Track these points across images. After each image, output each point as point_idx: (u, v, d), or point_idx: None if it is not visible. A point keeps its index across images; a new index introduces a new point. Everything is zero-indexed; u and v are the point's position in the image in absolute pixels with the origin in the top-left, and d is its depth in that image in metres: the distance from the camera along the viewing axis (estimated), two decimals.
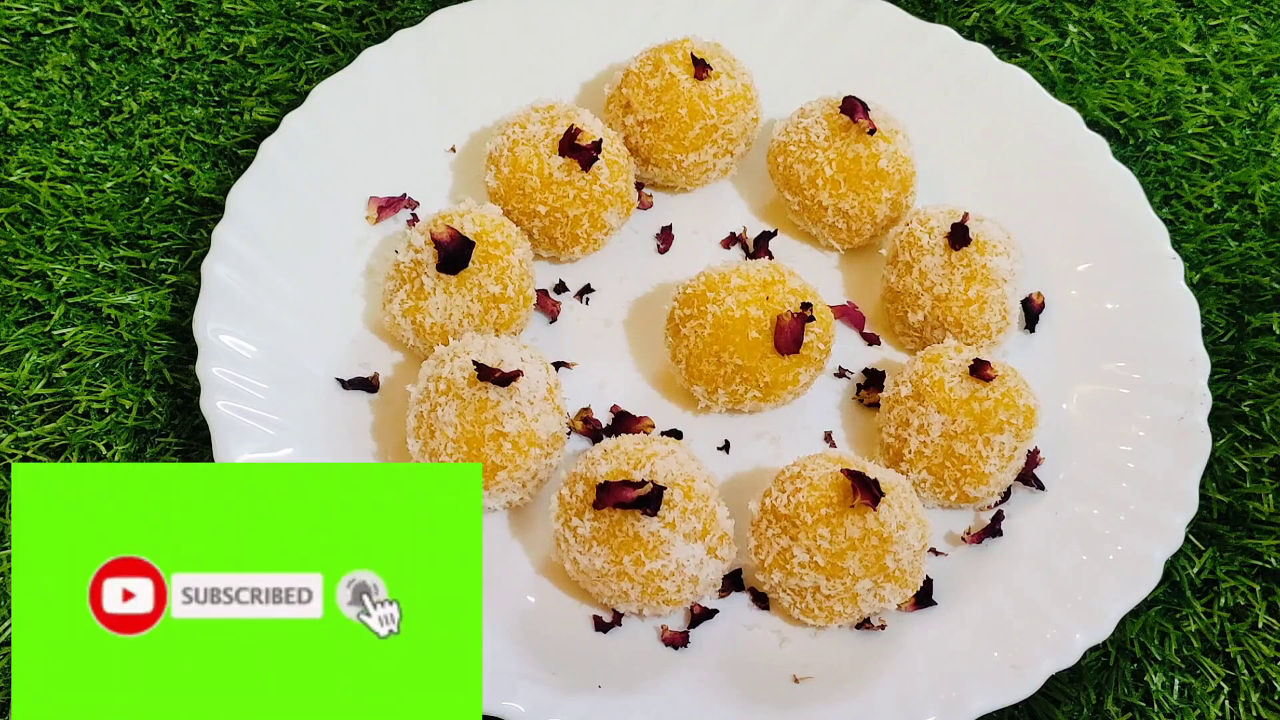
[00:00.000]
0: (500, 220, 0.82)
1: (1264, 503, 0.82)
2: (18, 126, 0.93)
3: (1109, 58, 1.01)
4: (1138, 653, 0.77)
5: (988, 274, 0.81)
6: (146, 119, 0.94)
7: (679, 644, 0.74)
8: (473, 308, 0.80)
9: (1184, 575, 0.79)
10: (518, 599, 0.76)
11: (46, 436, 0.81)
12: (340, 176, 0.89)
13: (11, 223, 0.89)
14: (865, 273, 0.89)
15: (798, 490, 0.72)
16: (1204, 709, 0.75)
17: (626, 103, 0.89)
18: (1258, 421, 0.85)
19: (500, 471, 0.75)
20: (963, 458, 0.76)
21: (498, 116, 0.90)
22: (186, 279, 0.87)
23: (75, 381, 0.83)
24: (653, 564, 0.71)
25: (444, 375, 0.75)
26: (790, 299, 0.79)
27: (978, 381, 0.77)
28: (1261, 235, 0.92)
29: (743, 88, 0.89)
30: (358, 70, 0.91)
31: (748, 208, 0.93)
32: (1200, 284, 0.90)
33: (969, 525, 0.79)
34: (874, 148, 0.85)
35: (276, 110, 0.95)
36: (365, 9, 1.01)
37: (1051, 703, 0.75)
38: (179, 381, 0.83)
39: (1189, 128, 0.97)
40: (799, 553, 0.71)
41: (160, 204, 0.91)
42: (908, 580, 0.73)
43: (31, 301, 0.86)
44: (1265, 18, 1.04)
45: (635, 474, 0.71)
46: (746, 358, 0.78)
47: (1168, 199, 0.94)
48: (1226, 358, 0.87)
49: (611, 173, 0.85)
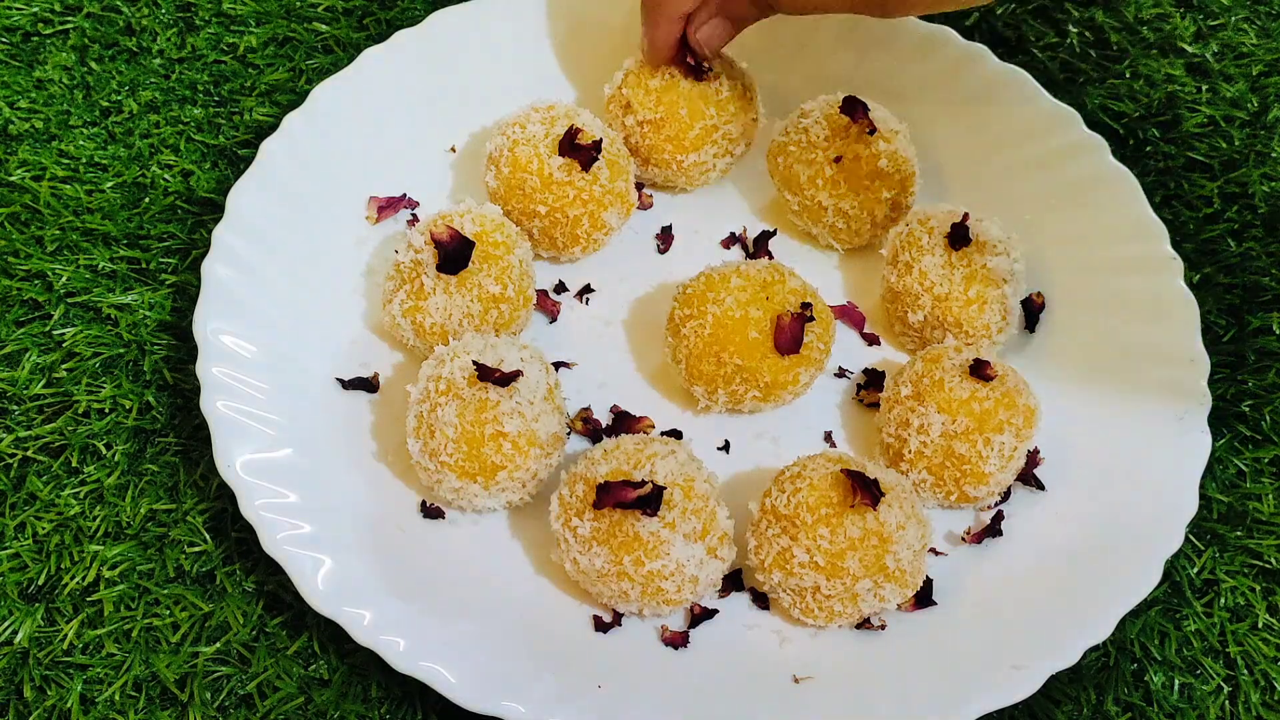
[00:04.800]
0: (500, 220, 0.82)
1: (1264, 503, 0.82)
2: (18, 126, 0.93)
3: (1109, 58, 1.01)
4: (1138, 653, 0.77)
5: (988, 274, 0.81)
6: (146, 119, 0.94)
7: (679, 644, 0.74)
8: (473, 308, 0.80)
9: (1184, 575, 0.79)
10: (518, 599, 0.76)
11: (46, 436, 0.81)
12: (340, 176, 0.89)
13: (11, 223, 0.89)
14: (865, 273, 0.89)
15: (798, 490, 0.72)
16: (1204, 709, 0.75)
17: (626, 103, 0.89)
18: (1258, 421, 0.85)
19: (500, 471, 0.75)
20: (963, 458, 0.76)
21: (498, 116, 0.90)
22: (186, 279, 0.87)
23: (75, 381, 0.83)
24: (653, 564, 0.71)
25: (444, 375, 0.75)
26: (790, 299, 0.79)
27: (978, 381, 0.77)
28: (1261, 235, 0.92)
29: (743, 88, 0.89)
30: (358, 70, 0.91)
31: (748, 208, 0.93)
32: (1200, 284, 0.90)
33: (969, 525, 0.79)
34: (874, 148, 0.85)
35: (276, 110, 0.95)
36: (365, 9, 1.01)
37: (1051, 703, 0.75)
38: (179, 381, 0.83)
39: (1189, 128, 0.97)
40: (799, 553, 0.71)
41: (160, 204, 0.91)
42: (908, 580, 0.73)
43: (31, 301, 0.86)
44: (1265, 18, 1.04)
45: (635, 474, 0.71)
46: (746, 358, 0.78)
47: (1168, 199, 0.94)
48: (1226, 358, 0.87)
49: (611, 173, 0.85)
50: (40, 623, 0.75)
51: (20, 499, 0.79)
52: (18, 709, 0.73)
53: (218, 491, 0.79)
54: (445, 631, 0.72)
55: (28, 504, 0.79)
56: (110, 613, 0.76)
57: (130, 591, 0.76)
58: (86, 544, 0.78)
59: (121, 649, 0.75)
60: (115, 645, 0.75)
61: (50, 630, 0.75)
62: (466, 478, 0.75)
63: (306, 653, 0.75)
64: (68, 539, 0.78)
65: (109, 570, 0.77)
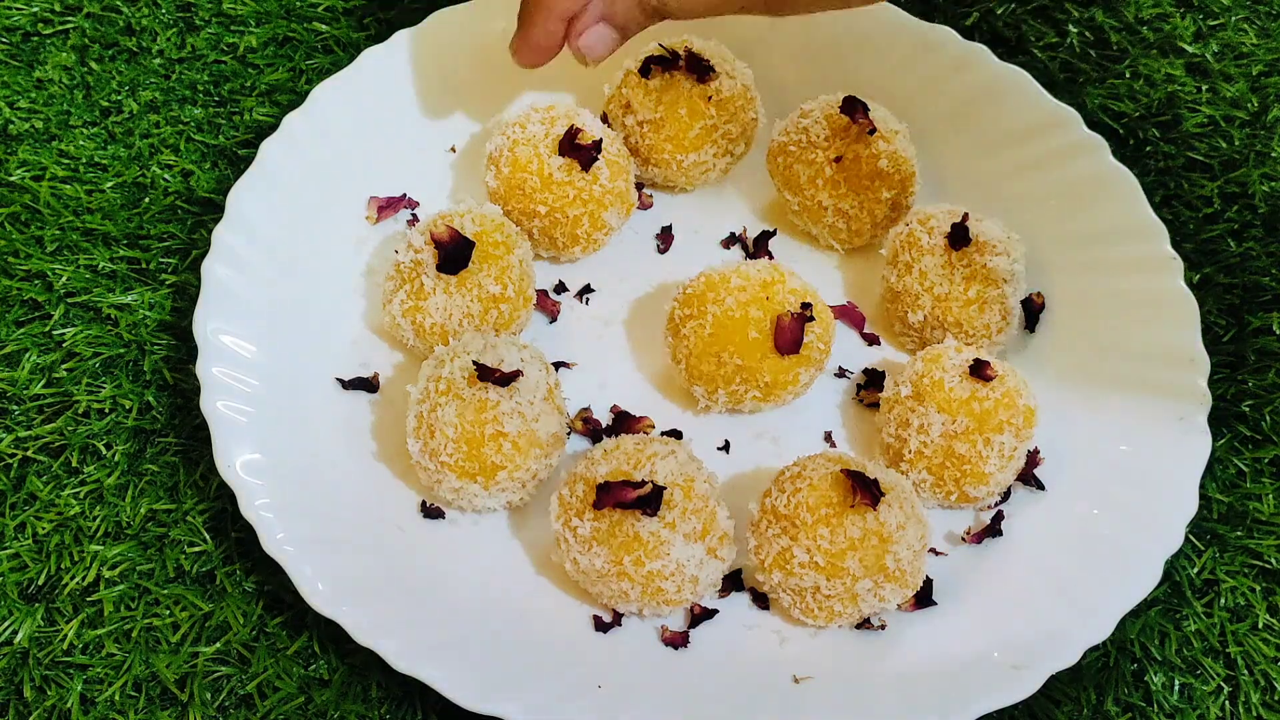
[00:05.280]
0: (500, 220, 0.82)
1: (1264, 503, 0.82)
2: (18, 126, 0.93)
3: (1109, 58, 1.01)
4: (1138, 653, 0.77)
5: (988, 274, 0.81)
6: (146, 119, 0.94)
7: (679, 644, 0.74)
8: (473, 308, 0.80)
9: (1184, 575, 0.79)
10: (518, 599, 0.76)
11: (46, 436, 0.81)
12: (340, 176, 0.89)
13: (11, 223, 0.89)
14: (865, 273, 0.89)
15: (798, 490, 0.72)
16: (1204, 709, 0.75)
17: (626, 103, 0.89)
18: (1258, 421, 0.85)
19: (500, 471, 0.75)
20: (963, 458, 0.76)
21: (498, 116, 0.90)
22: (186, 279, 0.87)
23: (75, 381, 0.83)
24: (653, 564, 0.71)
25: (444, 375, 0.75)
26: (790, 299, 0.79)
27: (978, 381, 0.77)
28: (1261, 235, 0.92)
29: (742, 88, 0.89)
30: (358, 70, 0.91)
31: (748, 208, 0.93)
32: (1200, 284, 0.90)
33: (969, 525, 0.79)
34: (874, 148, 0.85)
35: (276, 110, 0.95)
36: (365, 9, 1.01)
37: (1051, 703, 0.75)
38: (179, 381, 0.83)
39: (1189, 128, 0.97)
40: (799, 553, 0.71)
41: (160, 204, 0.91)
42: (908, 580, 0.73)
43: (31, 301, 0.86)
44: (1265, 18, 1.04)
45: (635, 474, 0.71)
46: (746, 358, 0.78)
47: (1168, 199, 0.94)
48: (1226, 358, 0.87)
49: (611, 173, 0.85)
50: (40, 623, 0.75)
51: (20, 499, 0.79)
52: (18, 709, 0.73)
53: (218, 491, 0.79)
54: (445, 631, 0.72)
55: (28, 504, 0.79)
56: (110, 613, 0.76)
57: (130, 591, 0.76)
58: (86, 544, 0.78)
59: (121, 649, 0.75)
60: (115, 645, 0.75)
61: (50, 630, 0.75)
62: (466, 478, 0.75)
63: (306, 653, 0.75)
64: (68, 539, 0.78)
65: (109, 570, 0.77)
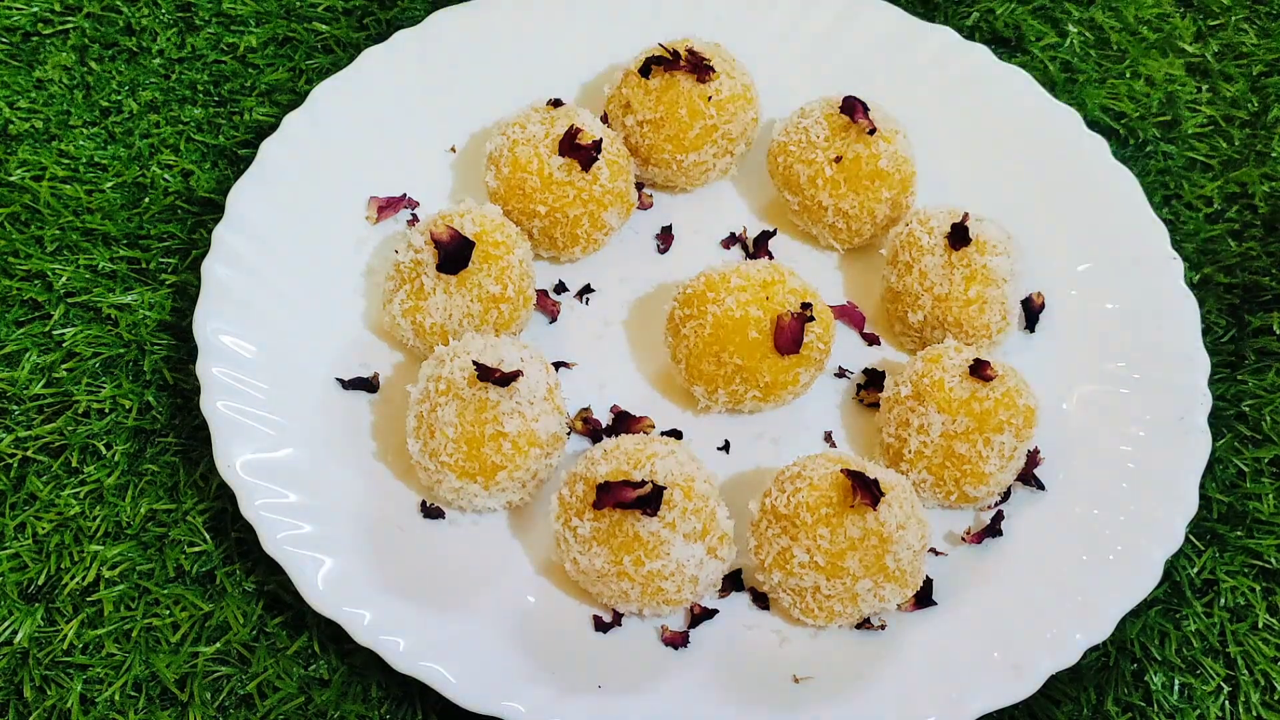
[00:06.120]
0: (500, 220, 0.82)
1: (1264, 503, 0.82)
2: (18, 126, 0.93)
3: (1109, 58, 1.01)
4: (1138, 653, 0.77)
5: (988, 274, 0.81)
6: (146, 119, 0.94)
7: (679, 644, 0.74)
8: (473, 308, 0.80)
9: (1184, 575, 0.79)
10: (518, 599, 0.76)
11: (46, 436, 0.81)
12: (340, 176, 0.89)
13: (11, 223, 0.89)
14: (865, 273, 0.89)
15: (798, 490, 0.72)
16: (1204, 709, 0.75)
17: (626, 103, 0.88)
18: (1258, 421, 0.85)
19: (500, 471, 0.75)
20: (963, 458, 0.76)
21: (498, 116, 0.90)
22: (186, 279, 0.87)
23: (75, 381, 0.83)
24: (653, 564, 0.71)
25: (444, 375, 0.75)
26: (790, 299, 0.79)
27: (978, 381, 0.77)
28: (1261, 235, 0.92)
29: (743, 88, 0.89)
30: (358, 70, 0.91)
31: (748, 208, 0.93)
32: (1200, 284, 0.90)
33: (969, 525, 0.79)
34: (874, 148, 0.85)
35: (276, 110, 0.95)
36: (365, 9, 1.01)
37: (1051, 703, 0.75)
38: (179, 381, 0.83)
39: (1189, 128, 0.97)
40: (799, 553, 0.71)
41: (160, 204, 0.91)
42: (908, 580, 0.73)
43: (31, 301, 0.86)
44: (1265, 18, 1.04)
45: (635, 474, 0.71)
46: (746, 358, 0.78)
47: (1168, 199, 0.94)
48: (1226, 358, 0.87)
49: (611, 173, 0.85)
50: (40, 623, 0.75)
51: (20, 499, 0.79)
52: (18, 709, 0.73)
53: (218, 491, 0.79)
54: (445, 631, 0.72)
55: (28, 504, 0.79)
56: (110, 613, 0.76)
57: (130, 591, 0.76)
58: (86, 544, 0.78)
59: (121, 649, 0.75)
60: (115, 645, 0.75)
61: (50, 630, 0.75)
62: (466, 478, 0.75)
63: (306, 653, 0.75)
64: (68, 539, 0.78)
65: (109, 570, 0.77)
